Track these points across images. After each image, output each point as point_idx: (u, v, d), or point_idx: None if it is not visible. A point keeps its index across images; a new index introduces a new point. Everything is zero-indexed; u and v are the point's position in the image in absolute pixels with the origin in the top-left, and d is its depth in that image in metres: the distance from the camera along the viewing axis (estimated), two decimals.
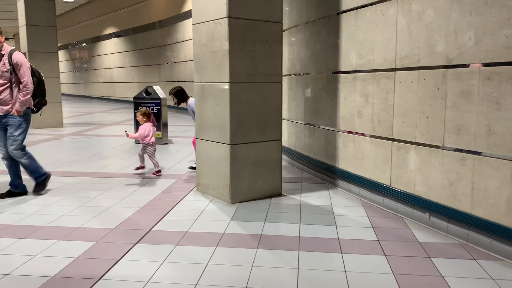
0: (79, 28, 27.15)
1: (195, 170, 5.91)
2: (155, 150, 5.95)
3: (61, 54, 30.08)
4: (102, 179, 5.62)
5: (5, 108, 4.61)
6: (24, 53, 4.94)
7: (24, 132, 4.76)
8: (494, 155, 3.14)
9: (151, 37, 19.00)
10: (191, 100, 6.03)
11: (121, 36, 22.02)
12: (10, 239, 3.52)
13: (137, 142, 6.71)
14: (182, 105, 6.18)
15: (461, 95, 3.38)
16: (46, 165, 6.50)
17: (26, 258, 3.14)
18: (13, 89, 4.61)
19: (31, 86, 4.66)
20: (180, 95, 6.08)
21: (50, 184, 5.26)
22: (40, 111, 5.14)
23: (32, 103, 4.83)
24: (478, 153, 3.27)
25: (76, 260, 3.13)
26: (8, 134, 4.67)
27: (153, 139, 5.88)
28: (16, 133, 4.66)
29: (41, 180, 4.95)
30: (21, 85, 4.61)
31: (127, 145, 8.46)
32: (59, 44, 18.16)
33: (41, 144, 8.70)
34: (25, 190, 4.93)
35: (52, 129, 11.28)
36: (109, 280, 2.82)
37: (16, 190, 4.86)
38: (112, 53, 23.25)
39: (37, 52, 11.13)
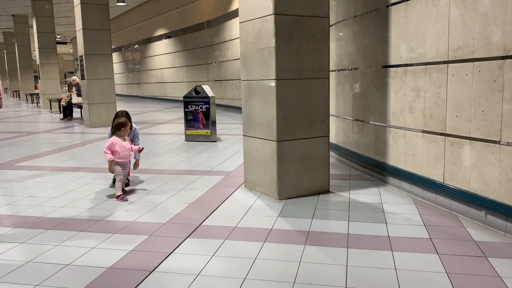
0: (131, 31, 28.12)
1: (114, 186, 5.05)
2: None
3: (115, 56, 31.28)
4: (154, 176, 5.81)
5: None
6: (81, 56, 4.83)
7: None
8: None
9: (199, 37, 19.36)
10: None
11: (171, 37, 22.59)
12: (71, 232, 3.73)
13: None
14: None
15: None
16: (102, 162, 6.82)
17: (85, 250, 3.32)
18: None
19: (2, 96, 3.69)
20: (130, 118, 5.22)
21: (105, 180, 5.52)
22: None
23: None
24: None
25: (131, 252, 3.26)
26: None
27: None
28: None
29: None
30: None
31: (178, 143, 8.69)
32: (113, 47, 18.87)
33: (97, 143, 9.11)
34: None
35: (107, 128, 11.72)
36: (161, 272, 2.93)
37: None
38: (162, 54, 23.90)
39: (93, 54, 11.64)
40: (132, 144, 5.08)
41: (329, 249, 3.27)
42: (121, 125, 4.89)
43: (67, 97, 14.41)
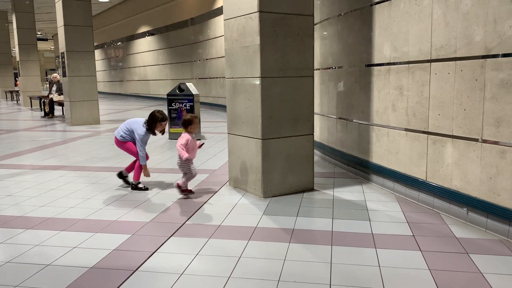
0: (114, 28, 27.78)
1: (140, 190, 4.94)
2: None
3: (97, 53, 30.89)
4: None
5: None
6: (62, 53, 4.77)
7: None
8: None
9: (183, 34, 19.23)
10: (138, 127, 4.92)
11: (154, 34, 22.39)
12: (51, 231, 3.66)
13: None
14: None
15: (501, 86, 3.25)
16: (84, 161, 6.72)
17: (66, 250, 3.26)
18: None
19: None
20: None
21: (88, 179, 5.44)
22: None
23: None
24: None
25: (113, 252, 3.22)
26: None
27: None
28: None
29: None
30: None
31: (161, 141, 8.61)
32: (95, 44, 18.68)
33: (79, 140, 8.98)
34: None
35: (90, 126, 11.61)
36: (144, 272, 2.89)
37: None
38: (146, 51, 23.68)
39: (75, 51, 11.45)
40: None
41: (314, 246, 3.28)
42: (188, 122, 4.57)
43: (47, 98, 14.19)
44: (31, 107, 18.16)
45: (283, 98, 4.54)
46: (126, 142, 5.04)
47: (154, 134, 4.96)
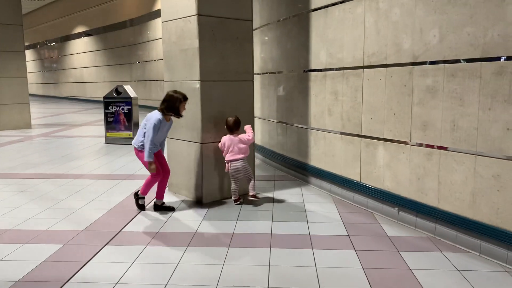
0: (48, 27, 26.47)
1: (167, 211, 4.27)
2: (234, 171, 4.42)
3: (29, 54, 29.28)
4: (72, 181, 5.49)
5: None
6: None
7: None
8: (459, 150, 3.23)
9: (122, 36, 18.70)
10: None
11: (91, 35, 21.60)
12: None
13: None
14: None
15: (427, 91, 3.45)
16: (13, 167, 6.33)
17: None
18: None
19: None
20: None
21: (16, 187, 5.13)
22: None
23: None
24: (444, 148, 3.34)
25: (43, 263, 3.05)
26: None
27: (229, 156, 4.41)
28: None
29: None
30: None
31: (97, 146, 8.30)
32: (26, 43, 17.73)
33: (8, 146, 8.44)
34: None
35: (20, 130, 10.95)
36: (76, 283, 2.76)
37: None
38: (82, 52, 22.78)
39: (3, 51, 10.79)
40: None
41: (253, 250, 3.29)
42: (238, 123, 4.46)
43: None
44: None
45: (223, 102, 4.54)
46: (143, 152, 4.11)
47: (179, 116, 4.17)
